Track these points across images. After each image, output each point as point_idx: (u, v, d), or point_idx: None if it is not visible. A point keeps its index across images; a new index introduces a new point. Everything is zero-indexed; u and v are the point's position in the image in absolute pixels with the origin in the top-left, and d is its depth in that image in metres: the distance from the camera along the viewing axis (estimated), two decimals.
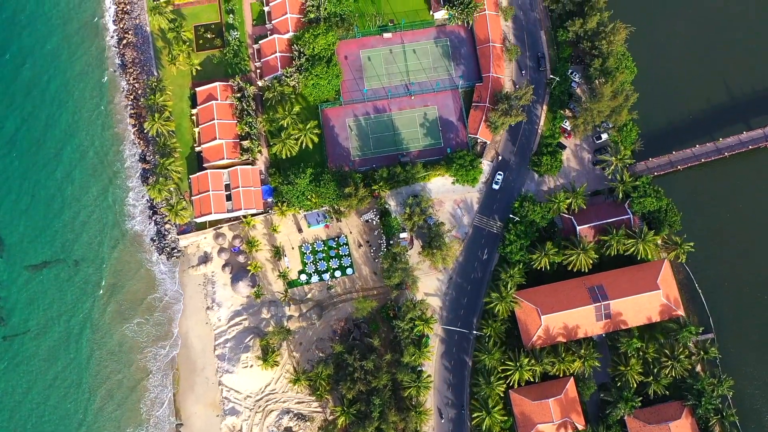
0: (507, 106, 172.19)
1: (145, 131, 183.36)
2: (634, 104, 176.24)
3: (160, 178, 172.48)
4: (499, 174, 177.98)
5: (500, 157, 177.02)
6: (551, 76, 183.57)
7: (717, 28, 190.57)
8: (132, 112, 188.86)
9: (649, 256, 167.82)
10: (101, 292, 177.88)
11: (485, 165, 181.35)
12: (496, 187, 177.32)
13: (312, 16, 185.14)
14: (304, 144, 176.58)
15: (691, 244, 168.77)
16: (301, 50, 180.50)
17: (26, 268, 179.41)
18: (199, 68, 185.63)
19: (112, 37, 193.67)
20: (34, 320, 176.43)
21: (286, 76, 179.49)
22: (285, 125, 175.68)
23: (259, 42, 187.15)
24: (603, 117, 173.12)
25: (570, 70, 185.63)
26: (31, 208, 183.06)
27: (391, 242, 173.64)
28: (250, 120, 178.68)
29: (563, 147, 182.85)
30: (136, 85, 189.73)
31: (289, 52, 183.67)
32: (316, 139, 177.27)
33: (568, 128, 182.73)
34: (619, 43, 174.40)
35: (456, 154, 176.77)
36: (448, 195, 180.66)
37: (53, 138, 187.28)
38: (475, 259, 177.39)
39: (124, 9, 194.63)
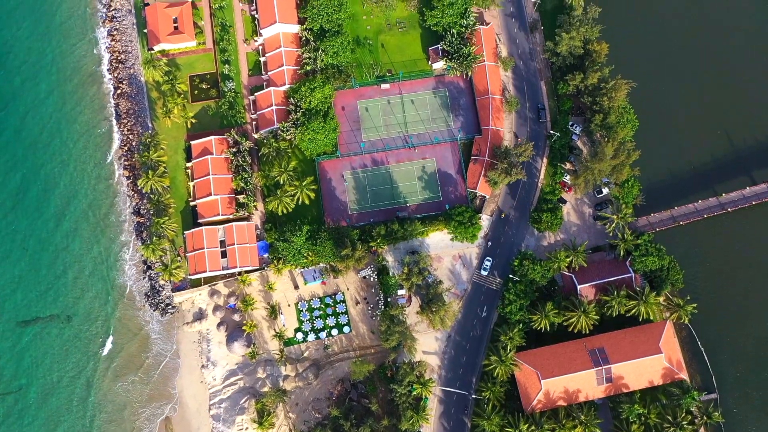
0: (507, 165, 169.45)
1: (139, 186, 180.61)
2: (636, 160, 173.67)
3: (154, 238, 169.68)
4: (487, 260, 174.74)
5: (489, 243, 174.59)
6: (551, 131, 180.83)
7: (720, 80, 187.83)
8: (126, 163, 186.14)
9: (652, 317, 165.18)
10: (93, 348, 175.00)
11: (484, 220, 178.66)
12: (484, 273, 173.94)
13: (308, 68, 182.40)
14: (300, 200, 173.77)
15: (694, 305, 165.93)
16: (298, 104, 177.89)
17: (18, 324, 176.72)
18: (194, 121, 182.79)
19: (107, 86, 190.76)
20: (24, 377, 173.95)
21: (282, 131, 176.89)
22: (281, 182, 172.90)
23: (255, 94, 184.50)
24: (604, 175, 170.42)
25: (570, 122, 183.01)
26: (22, 261, 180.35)
27: (389, 300, 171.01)
28: (246, 176, 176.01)
29: (564, 201, 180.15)
30: (130, 136, 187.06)
31: (286, 105, 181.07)
32: (312, 195, 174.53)
33: (569, 182, 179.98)
34: (621, 99, 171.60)
35: (455, 211, 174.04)
36: (446, 250, 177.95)
37: (47, 190, 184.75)
38: (474, 317, 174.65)
39: (119, 58, 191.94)
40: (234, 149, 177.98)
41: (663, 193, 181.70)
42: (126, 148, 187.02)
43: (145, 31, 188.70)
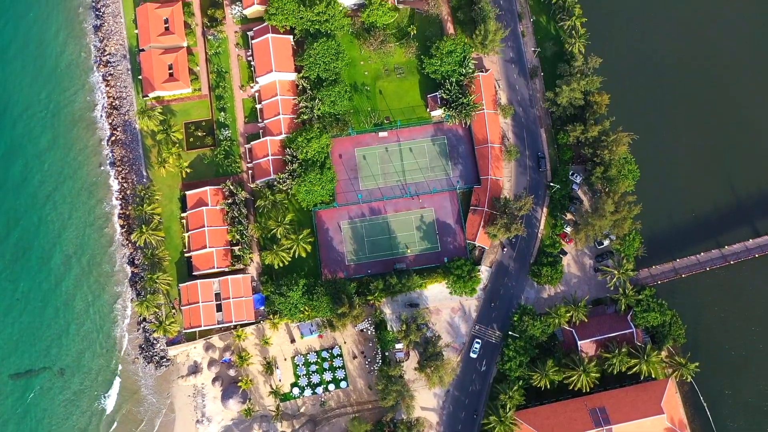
0: (507, 220, 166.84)
1: (133, 239, 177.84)
2: (637, 213, 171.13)
3: (149, 294, 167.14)
4: (476, 342, 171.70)
5: (483, 342, 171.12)
6: (551, 184, 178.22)
7: (722, 130, 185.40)
8: (121, 212, 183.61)
9: (654, 375, 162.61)
10: (92, 404, 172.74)
11: (483, 271, 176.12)
12: (474, 356, 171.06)
13: (305, 117, 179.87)
14: (296, 253, 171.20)
15: (696, 364, 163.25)
16: (294, 154, 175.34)
17: (10, 377, 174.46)
18: (189, 170, 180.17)
19: (102, 133, 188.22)
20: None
21: (279, 183, 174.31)
22: (278, 235, 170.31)
23: (251, 143, 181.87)
24: (605, 229, 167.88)
25: (571, 172, 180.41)
26: (13, 311, 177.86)
27: (387, 355, 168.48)
28: (242, 228, 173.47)
29: (564, 253, 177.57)
30: (125, 184, 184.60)
31: (282, 155, 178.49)
32: (309, 248, 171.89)
33: (569, 233, 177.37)
34: (622, 152, 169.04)
35: (453, 264, 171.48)
36: (445, 302, 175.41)
37: (42, 242, 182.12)
38: (473, 371, 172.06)
39: (113, 104, 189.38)
40: (229, 200, 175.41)
41: (665, 243, 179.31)
42: (121, 196, 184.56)
43: (140, 77, 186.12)
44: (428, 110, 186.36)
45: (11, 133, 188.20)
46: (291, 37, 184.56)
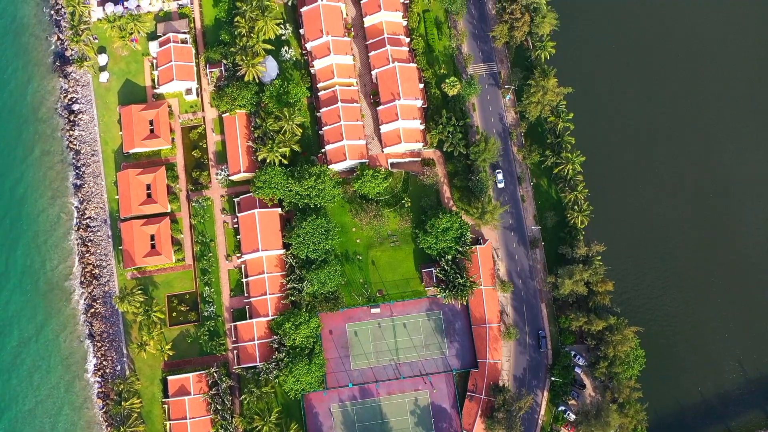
0: (505, 420, 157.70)
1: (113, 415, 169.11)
2: (641, 398, 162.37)
3: None
4: None
5: None
6: (553, 378, 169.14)
7: (732, 308, 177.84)
8: (99, 391, 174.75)
9: None
10: None
11: None
12: None
13: (293, 299, 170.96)
14: None
15: None
16: (282, 341, 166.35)
17: None
18: (171, 353, 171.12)
19: (80, 304, 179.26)
20: None
21: (266, 373, 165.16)
22: None
23: (237, 323, 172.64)
24: None
25: (573, 353, 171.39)
26: None
27: None
28: (226, 423, 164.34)
29: None
30: (104, 362, 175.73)
31: (269, 337, 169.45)
32: None
33: (571, 420, 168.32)
34: (627, 350, 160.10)
35: None
36: None
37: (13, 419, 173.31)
38: None
39: (92, 273, 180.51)
40: (213, 391, 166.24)
41: (672, 428, 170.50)
42: (100, 373, 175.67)
43: (121, 247, 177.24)
44: (423, 284, 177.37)
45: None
46: (279, 209, 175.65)
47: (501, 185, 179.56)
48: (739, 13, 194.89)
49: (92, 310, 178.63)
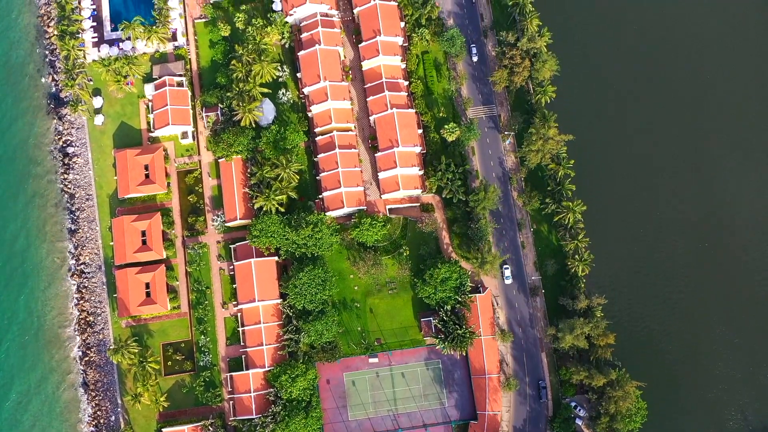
0: None
1: None
2: None
3: None
4: None
5: None
6: None
7: (735, 355, 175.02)
8: None
9: None
10: None
11: None
12: None
13: (290, 350, 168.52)
14: None
15: None
16: (278, 394, 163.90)
17: None
18: (166, 404, 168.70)
19: (74, 352, 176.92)
20: None
21: (262, 426, 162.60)
22: None
23: (233, 374, 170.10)
24: None
25: (573, 404, 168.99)
26: None
27: None
28: None
29: None
30: (98, 412, 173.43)
31: (265, 389, 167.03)
32: None
33: None
34: (629, 406, 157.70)
35: None
36: None
37: None
38: None
39: (87, 320, 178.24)
40: None
41: None
42: (94, 423, 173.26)
43: (115, 295, 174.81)
44: (422, 333, 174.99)
45: None
46: (276, 258, 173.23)
47: (508, 281, 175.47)
48: (741, 58, 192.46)
49: (86, 358, 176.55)
